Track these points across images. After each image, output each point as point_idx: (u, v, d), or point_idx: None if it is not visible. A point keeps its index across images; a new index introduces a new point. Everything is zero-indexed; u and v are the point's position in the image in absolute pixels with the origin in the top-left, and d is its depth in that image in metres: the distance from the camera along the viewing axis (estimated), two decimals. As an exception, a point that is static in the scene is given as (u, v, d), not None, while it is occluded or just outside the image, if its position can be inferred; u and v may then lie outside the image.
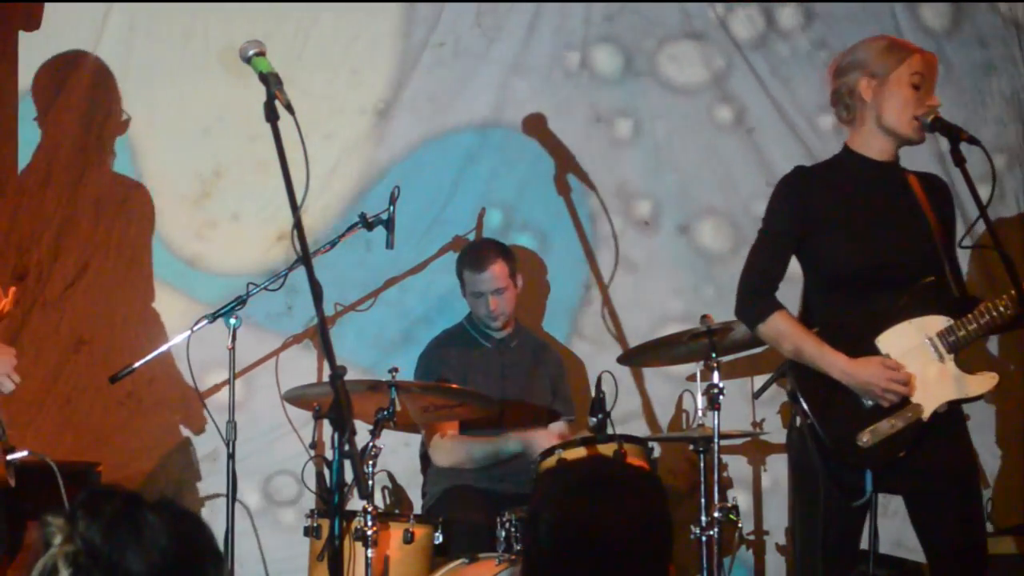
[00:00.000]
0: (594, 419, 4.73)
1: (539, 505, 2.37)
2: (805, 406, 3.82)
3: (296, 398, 4.73)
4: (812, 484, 3.82)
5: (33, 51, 5.57)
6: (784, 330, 3.89)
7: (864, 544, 4.11)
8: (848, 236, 3.90)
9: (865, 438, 3.80)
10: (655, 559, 2.29)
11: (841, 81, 3.98)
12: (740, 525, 4.80)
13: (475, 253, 5.38)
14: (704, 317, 4.78)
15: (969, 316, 3.87)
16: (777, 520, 5.75)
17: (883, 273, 3.89)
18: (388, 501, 5.55)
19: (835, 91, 4.01)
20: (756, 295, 3.94)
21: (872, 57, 3.93)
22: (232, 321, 4.71)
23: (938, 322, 3.90)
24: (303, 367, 5.56)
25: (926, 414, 3.84)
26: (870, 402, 3.84)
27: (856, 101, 3.96)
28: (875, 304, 3.88)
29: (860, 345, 3.86)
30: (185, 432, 5.60)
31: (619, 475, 2.34)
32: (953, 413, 3.89)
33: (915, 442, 3.81)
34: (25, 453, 4.29)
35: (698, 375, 4.88)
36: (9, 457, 4.24)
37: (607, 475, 2.33)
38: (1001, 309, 3.84)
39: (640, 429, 5.85)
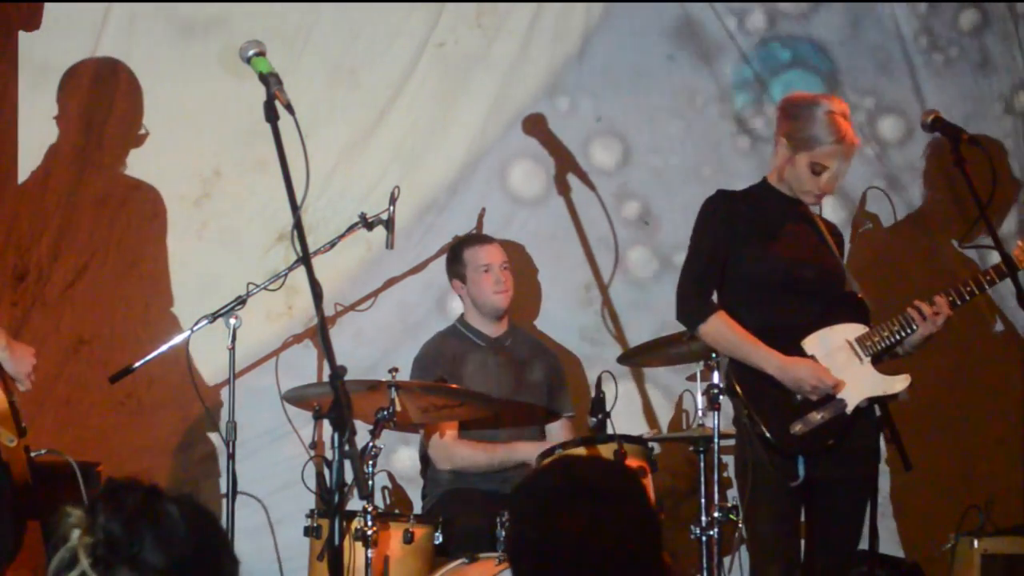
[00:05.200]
0: (594, 419, 4.73)
1: (517, 527, 2.34)
2: (744, 398, 4.25)
3: (296, 398, 4.73)
4: (749, 471, 4.23)
5: (33, 51, 5.57)
6: (724, 330, 4.28)
7: (864, 544, 4.26)
8: (765, 251, 4.33)
9: (798, 427, 4.24)
10: (644, 554, 2.28)
11: (776, 121, 4.43)
12: (740, 525, 4.80)
13: (474, 234, 5.50)
14: (704, 317, 4.78)
15: (883, 324, 4.34)
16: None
17: (797, 284, 4.33)
18: (388, 501, 5.55)
19: (776, 120, 4.46)
20: (696, 298, 4.35)
21: (797, 127, 4.33)
22: (232, 321, 4.72)
23: (856, 329, 4.35)
24: (303, 367, 5.56)
25: (850, 408, 4.28)
26: (799, 397, 4.26)
27: (774, 146, 4.42)
28: (790, 311, 4.29)
29: (787, 348, 4.28)
30: (185, 432, 5.60)
31: (592, 481, 2.30)
32: (870, 411, 4.32)
33: (842, 433, 4.26)
34: (44, 451, 4.30)
35: (698, 375, 4.89)
36: (33, 453, 4.25)
37: (579, 484, 2.30)
38: (911, 321, 4.31)
39: (640, 429, 5.84)
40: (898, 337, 4.34)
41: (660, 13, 6.07)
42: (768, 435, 4.22)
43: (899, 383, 4.34)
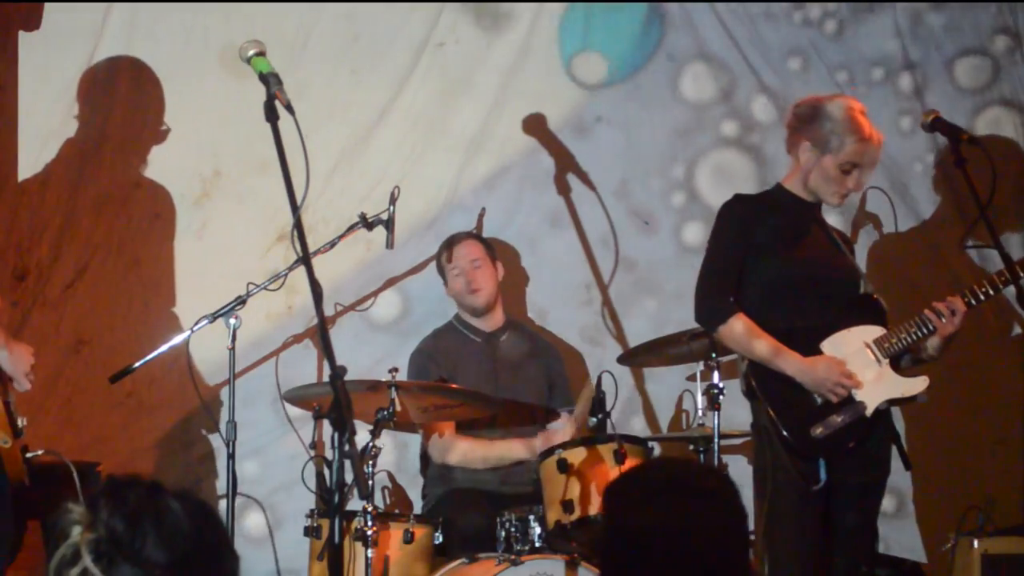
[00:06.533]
0: (594, 419, 4.73)
1: (613, 516, 2.36)
2: (765, 401, 4.22)
3: (296, 398, 4.73)
4: (770, 475, 4.22)
5: (33, 51, 5.57)
6: (743, 331, 4.28)
7: None
8: (782, 253, 4.34)
9: (819, 430, 4.22)
10: (735, 554, 2.29)
11: (793, 125, 4.42)
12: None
13: (452, 236, 5.50)
14: (704, 317, 4.78)
15: (901, 326, 4.33)
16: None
17: (814, 286, 4.34)
18: (388, 501, 5.55)
19: (787, 125, 4.47)
20: (715, 300, 4.34)
21: (821, 128, 4.31)
22: (232, 321, 4.72)
23: (874, 331, 4.34)
24: (303, 367, 5.56)
25: (869, 411, 4.27)
26: (819, 399, 4.26)
27: (794, 151, 4.41)
28: (808, 313, 4.31)
29: (806, 349, 4.27)
30: (185, 432, 5.60)
31: (690, 478, 2.34)
32: (887, 413, 4.33)
33: (863, 436, 4.26)
34: (40, 452, 4.30)
35: (698, 375, 4.89)
36: (28, 455, 4.25)
37: (678, 480, 2.33)
38: (928, 323, 4.30)
39: (640, 429, 5.85)
40: (915, 338, 4.33)
41: (658, 11, 6.08)
42: (789, 438, 4.20)
43: (917, 385, 4.34)
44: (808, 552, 4.26)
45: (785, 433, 4.20)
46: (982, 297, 4.35)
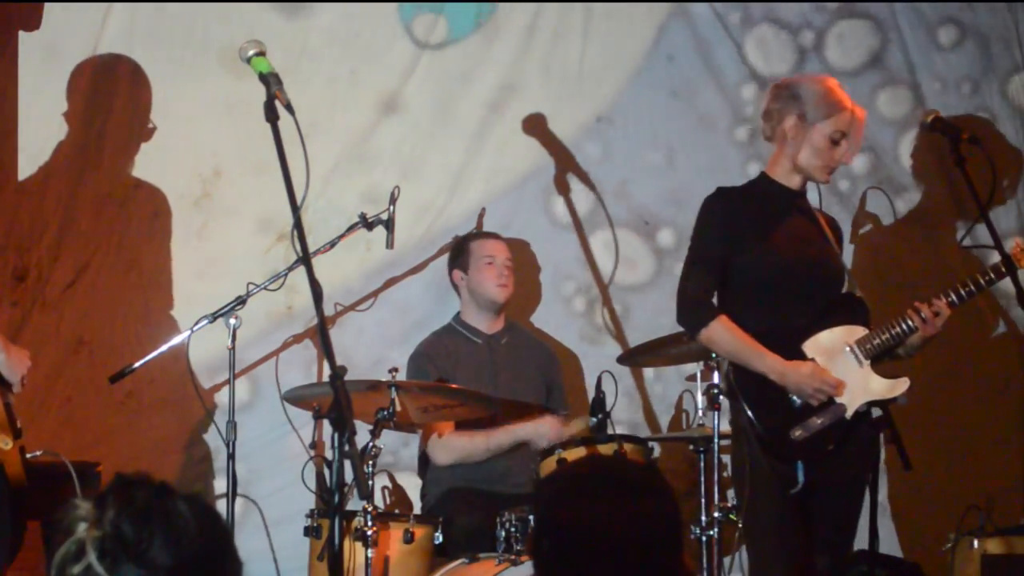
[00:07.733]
0: (594, 419, 4.73)
1: (542, 511, 2.36)
2: (744, 403, 4.20)
3: (296, 398, 4.73)
4: (748, 476, 4.20)
5: (33, 51, 5.57)
6: (725, 335, 4.23)
7: (864, 544, 4.28)
8: (765, 251, 4.28)
9: (797, 432, 4.18)
10: (666, 552, 2.29)
11: (774, 106, 4.35)
12: (740, 525, 4.80)
13: (480, 231, 5.52)
14: (704, 317, 4.78)
15: (883, 326, 4.30)
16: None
17: (797, 286, 4.29)
18: (388, 501, 5.55)
19: (767, 110, 4.38)
20: (697, 302, 4.30)
21: (807, 100, 4.27)
22: (232, 321, 4.72)
23: (856, 331, 4.32)
24: (303, 367, 5.55)
25: (849, 413, 4.24)
26: (799, 401, 4.21)
27: (779, 131, 4.33)
28: (790, 313, 4.27)
29: (788, 350, 4.23)
30: (185, 432, 5.60)
31: (619, 473, 2.34)
32: (868, 414, 4.29)
33: (843, 438, 4.23)
34: (39, 453, 4.31)
35: (698, 375, 4.89)
36: (29, 455, 4.26)
37: (607, 474, 2.33)
38: (910, 323, 4.27)
39: (640, 429, 5.85)
40: (897, 339, 4.30)
41: (658, 11, 6.08)
42: (768, 440, 4.18)
43: (898, 387, 4.30)
44: (789, 552, 4.24)
45: (763, 434, 4.17)
46: (965, 296, 4.31)
